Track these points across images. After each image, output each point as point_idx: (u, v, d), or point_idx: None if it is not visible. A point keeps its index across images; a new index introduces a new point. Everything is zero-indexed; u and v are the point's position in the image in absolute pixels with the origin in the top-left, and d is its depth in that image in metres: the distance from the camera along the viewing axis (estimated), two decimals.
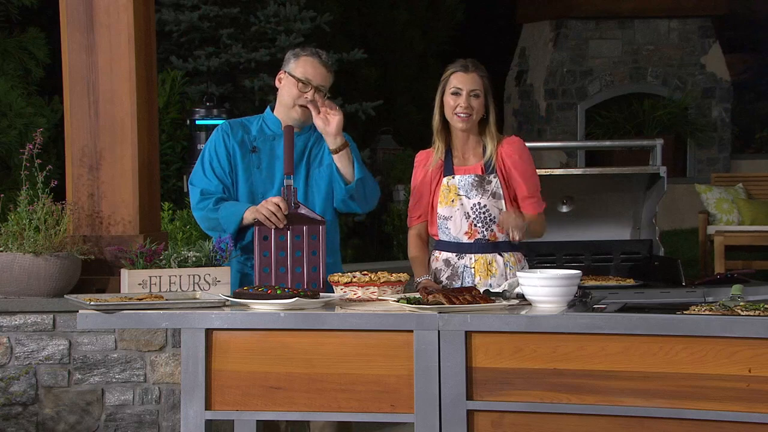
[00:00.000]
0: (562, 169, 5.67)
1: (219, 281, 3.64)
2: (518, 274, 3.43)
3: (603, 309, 3.33)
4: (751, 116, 14.33)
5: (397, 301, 3.38)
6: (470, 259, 3.73)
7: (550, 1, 13.62)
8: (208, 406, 3.30)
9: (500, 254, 3.75)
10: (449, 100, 3.74)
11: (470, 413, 3.17)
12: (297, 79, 3.81)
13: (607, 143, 9.82)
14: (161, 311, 3.35)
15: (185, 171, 7.13)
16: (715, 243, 8.22)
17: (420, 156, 3.87)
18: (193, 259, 3.68)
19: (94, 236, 4.91)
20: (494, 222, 3.73)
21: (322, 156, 3.88)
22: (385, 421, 3.30)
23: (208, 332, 3.30)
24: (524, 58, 14.05)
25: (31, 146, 4.75)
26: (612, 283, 4.95)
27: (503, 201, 3.74)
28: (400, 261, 7.06)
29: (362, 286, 3.53)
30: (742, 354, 3.00)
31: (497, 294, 3.46)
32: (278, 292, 3.37)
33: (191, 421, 3.30)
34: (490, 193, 3.74)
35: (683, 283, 4.88)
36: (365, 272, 3.60)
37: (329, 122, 3.74)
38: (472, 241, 3.73)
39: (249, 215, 3.73)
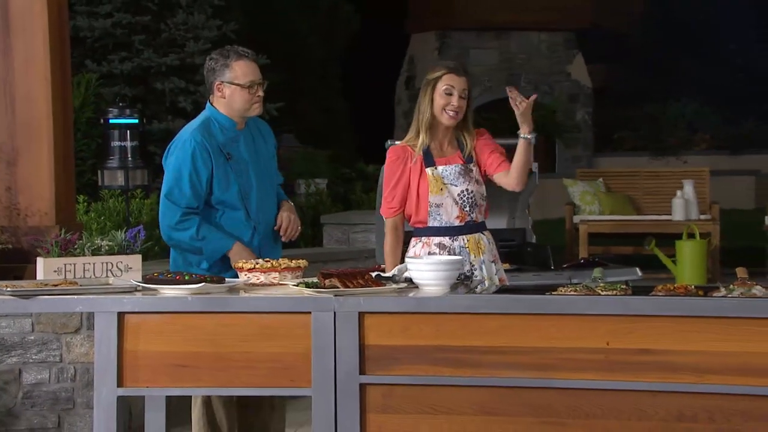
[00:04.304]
0: None
1: (131, 268, 3.56)
2: (407, 259, 3.43)
3: (482, 291, 3.36)
4: (610, 119, 14.71)
5: (297, 286, 3.35)
6: (463, 240, 3.76)
7: (434, 14, 13.73)
8: (120, 384, 3.22)
9: (482, 233, 3.81)
10: (440, 98, 3.73)
11: (363, 387, 3.15)
12: (243, 86, 3.74)
13: None
14: (76, 296, 3.26)
15: (99, 166, 7.00)
16: (580, 231, 8.39)
17: (396, 152, 3.80)
18: (106, 247, 3.59)
19: (11, 227, 4.80)
20: (479, 205, 3.79)
21: (268, 151, 3.90)
22: (285, 395, 3.27)
23: (120, 315, 3.22)
24: (413, 65, 14.13)
25: None
26: None
27: (483, 186, 3.81)
28: (300, 249, 7.04)
29: (264, 272, 3.48)
30: (602, 329, 3.06)
31: (388, 278, 3.45)
32: (186, 277, 3.31)
33: (104, 398, 3.22)
34: (474, 179, 3.78)
35: (552, 267, 4.97)
36: (267, 259, 3.56)
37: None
38: (462, 223, 3.76)
39: (234, 256, 3.69)
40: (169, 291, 3.27)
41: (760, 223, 9.29)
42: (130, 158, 6.71)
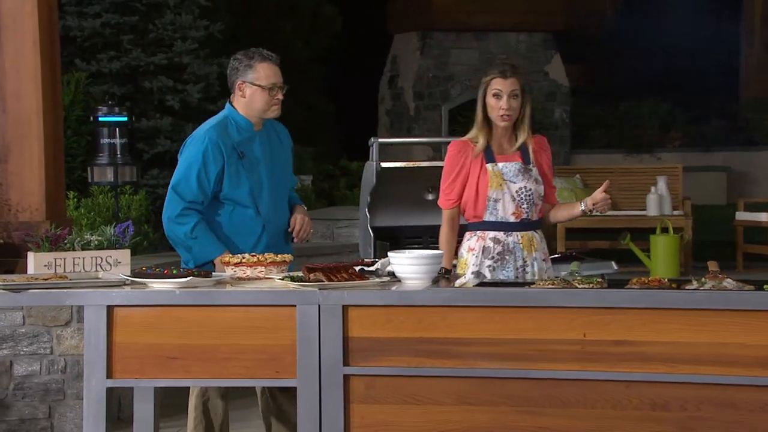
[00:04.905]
0: (428, 162, 5.71)
1: (120, 262, 3.54)
2: (389, 254, 3.43)
3: (462, 284, 3.36)
4: (586, 117, 14.75)
5: (282, 280, 3.34)
6: (517, 236, 3.76)
7: (416, 15, 13.73)
8: (109, 375, 3.21)
9: (536, 231, 3.81)
10: (491, 101, 3.75)
11: (346, 377, 3.16)
12: (264, 87, 3.73)
13: None
14: (66, 290, 3.24)
15: (89, 163, 6.98)
16: (558, 226, 8.42)
17: (457, 146, 3.82)
18: (96, 242, 3.57)
19: (2, 222, 4.77)
20: (536, 204, 3.78)
21: (284, 153, 3.89)
22: (271, 385, 3.26)
23: (110, 308, 3.21)
24: (395, 64, 14.12)
25: None
26: None
27: (542, 186, 3.79)
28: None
29: (251, 266, 3.48)
30: (578, 321, 3.07)
31: (371, 272, 3.45)
32: (174, 272, 3.30)
33: (94, 389, 3.21)
34: (533, 178, 3.77)
35: None
36: (253, 254, 3.55)
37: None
38: (518, 220, 3.75)
39: (218, 262, 3.65)
40: (157, 285, 3.26)
41: (731, 218, 9.36)
42: (119, 155, 6.71)
